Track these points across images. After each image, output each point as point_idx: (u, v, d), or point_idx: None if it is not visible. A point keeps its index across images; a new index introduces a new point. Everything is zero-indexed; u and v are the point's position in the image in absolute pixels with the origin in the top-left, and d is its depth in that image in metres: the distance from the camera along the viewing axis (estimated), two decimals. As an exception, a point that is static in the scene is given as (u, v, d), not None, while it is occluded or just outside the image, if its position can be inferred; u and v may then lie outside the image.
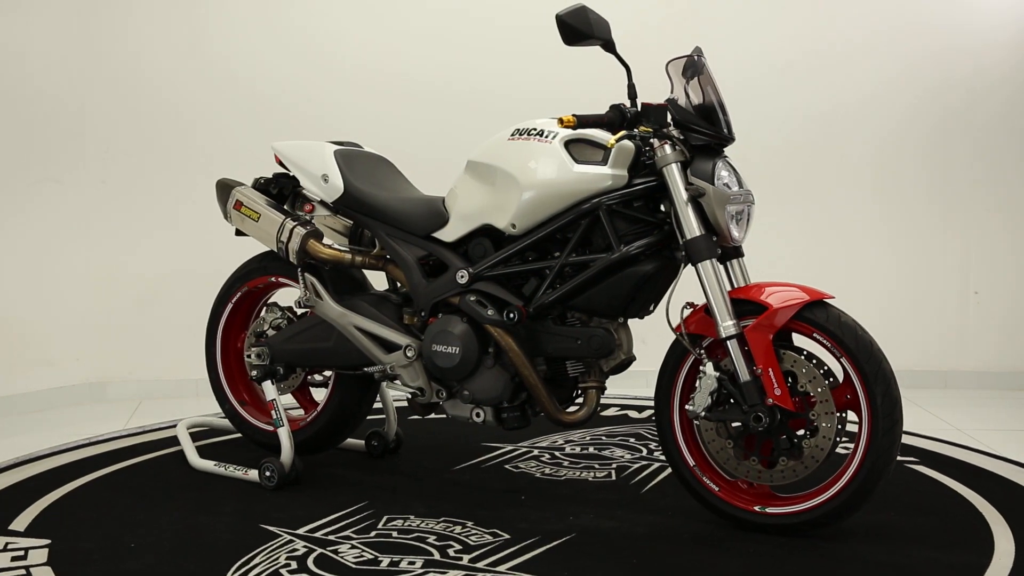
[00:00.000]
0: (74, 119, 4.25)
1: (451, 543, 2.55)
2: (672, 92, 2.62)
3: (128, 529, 2.67)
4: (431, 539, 2.58)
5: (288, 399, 3.33)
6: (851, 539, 2.54)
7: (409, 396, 3.01)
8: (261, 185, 3.23)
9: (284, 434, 3.05)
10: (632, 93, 2.61)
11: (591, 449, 3.47)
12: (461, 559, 2.44)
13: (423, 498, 2.92)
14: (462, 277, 2.82)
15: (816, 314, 2.50)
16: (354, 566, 2.40)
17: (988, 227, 4.55)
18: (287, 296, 3.35)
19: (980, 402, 4.33)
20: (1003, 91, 4.48)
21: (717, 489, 2.64)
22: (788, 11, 4.50)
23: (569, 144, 2.68)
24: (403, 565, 2.40)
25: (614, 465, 3.26)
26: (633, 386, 4.11)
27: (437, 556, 2.46)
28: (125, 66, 4.30)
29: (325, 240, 3.06)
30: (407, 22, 4.45)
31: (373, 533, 2.63)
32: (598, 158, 2.65)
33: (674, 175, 2.56)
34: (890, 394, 2.44)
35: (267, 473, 3.00)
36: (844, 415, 2.52)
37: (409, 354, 2.91)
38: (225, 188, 3.21)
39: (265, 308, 3.26)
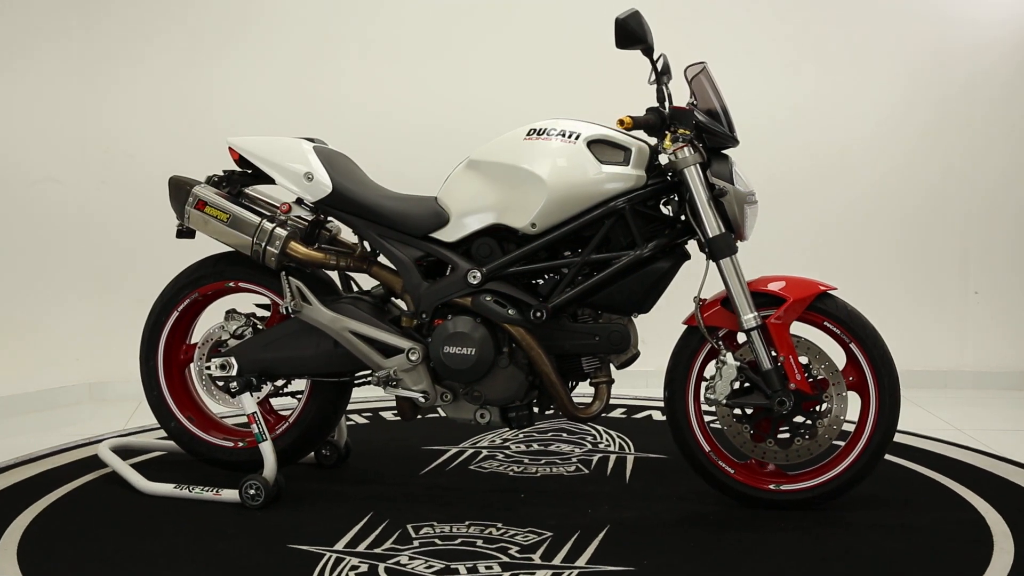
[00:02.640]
0: (75, 118, 4.33)
1: (503, 545, 2.53)
2: (692, 97, 2.75)
3: (145, 562, 2.42)
4: (479, 543, 2.55)
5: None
6: (864, 510, 2.76)
7: (401, 400, 2.93)
8: (214, 183, 3.01)
9: (268, 449, 2.87)
10: (661, 97, 2.71)
11: (535, 446, 3.52)
12: (531, 558, 2.44)
13: (425, 504, 2.86)
14: (474, 277, 2.79)
15: (826, 304, 2.74)
16: (436, 576, 2.33)
17: (988, 227, 4.57)
18: (233, 303, 3.15)
19: (980, 402, 4.34)
20: (1002, 88, 4.52)
21: (733, 472, 2.80)
22: (793, 13, 4.56)
23: (590, 145, 2.73)
24: (482, 571, 2.36)
25: (573, 459, 3.34)
26: (633, 386, 4.23)
27: (505, 559, 2.44)
28: (127, 66, 4.41)
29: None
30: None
31: (416, 543, 2.55)
32: (619, 159, 2.73)
33: (695, 176, 2.69)
34: (892, 375, 2.72)
35: (251, 491, 2.81)
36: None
37: (413, 357, 2.83)
38: (181, 186, 2.96)
39: (225, 315, 3.03)
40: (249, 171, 3.01)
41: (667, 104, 2.71)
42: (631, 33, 2.58)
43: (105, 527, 2.68)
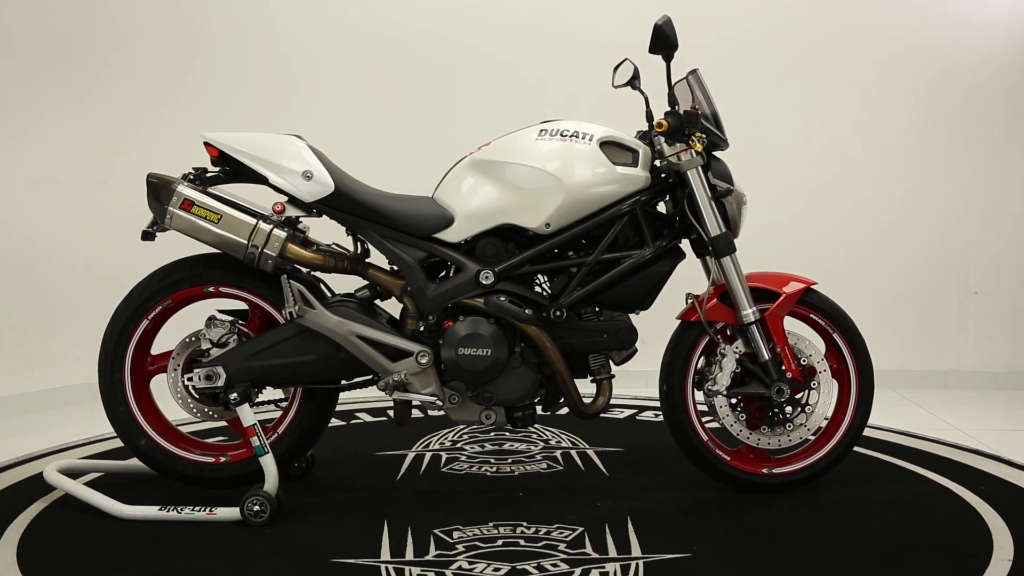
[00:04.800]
0: (75, 118, 4.35)
1: (548, 542, 2.54)
2: (694, 102, 2.87)
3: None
4: (522, 542, 2.55)
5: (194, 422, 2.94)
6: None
7: (401, 404, 2.87)
8: (190, 181, 2.82)
9: (270, 461, 2.73)
10: (672, 101, 2.80)
11: (488, 446, 3.53)
12: (587, 553, 2.47)
13: (431, 508, 2.81)
14: (486, 278, 2.78)
15: (812, 298, 2.94)
16: (511, 578, 2.32)
17: (988, 227, 4.62)
18: (200, 309, 2.96)
19: (980, 402, 4.34)
20: (1003, 89, 4.57)
21: (729, 459, 2.95)
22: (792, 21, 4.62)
23: (601, 145, 2.79)
24: (551, 569, 2.37)
25: (538, 456, 3.38)
26: (632, 386, 4.20)
27: (562, 555, 2.45)
28: (126, 65, 4.46)
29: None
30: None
31: (462, 547, 2.51)
32: (628, 160, 2.82)
33: (699, 177, 2.82)
34: (869, 362, 2.97)
35: (256, 507, 2.66)
36: (823, 382, 2.98)
37: (423, 360, 2.78)
38: (163, 185, 2.75)
39: (207, 322, 2.84)
40: (227, 168, 2.84)
41: (679, 107, 2.82)
42: (667, 38, 2.66)
43: (107, 529, 2.59)
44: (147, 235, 2.82)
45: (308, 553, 2.46)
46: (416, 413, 4.03)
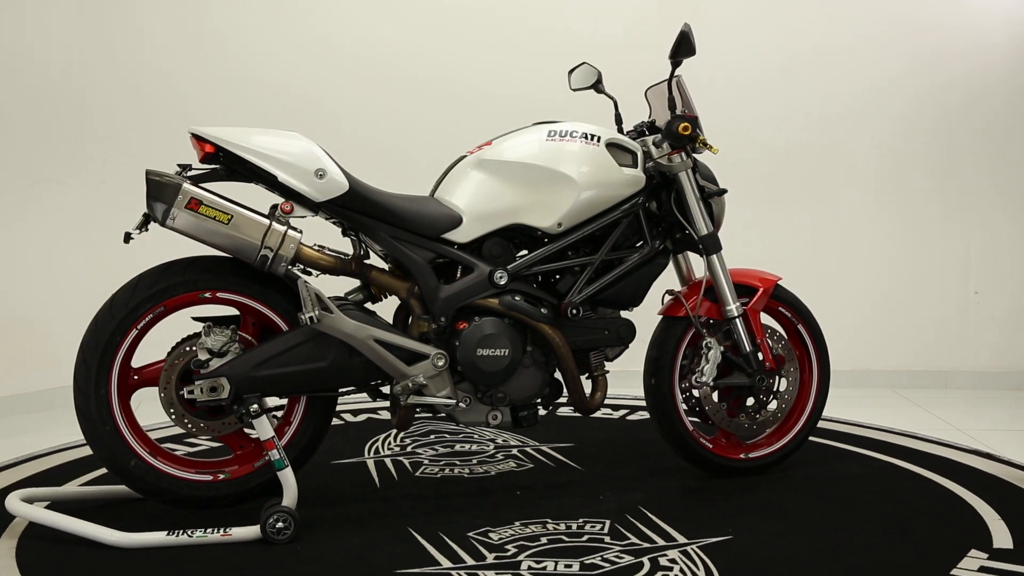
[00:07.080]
0: (75, 118, 4.35)
1: (590, 536, 2.58)
2: (684, 106, 2.99)
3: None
4: (565, 539, 2.57)
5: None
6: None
7: (406, 408, 2.80)
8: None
9: (289, 476, 2.59)
10: (672, 105, 2.91)
11: (440, 448, 3.50)
12: (637, 544, 2.53)
13: (442, 513, 2.76)
14: (501, 278, 2.78)
15: (780, 292, 3.15)
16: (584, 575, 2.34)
17: (988, 227, 4.58)
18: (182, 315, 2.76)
19: (980, 402, 4.32)
20: (1004, 89, 4.54)
21: (712, 447, 3.10)
22: (788, 7, 4.52)
23: (607, 147, 2.87)
24: (618, 562, 2.41)
25: (499, 456, 3.39)
26: (630, 386, 3.97)
27: (620, 546, 2.50)
28: (126, 65, 4.45)
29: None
30: (412, 14, 4.57)
31: (512, 548, 2.50)
32: (629, 161, 2.91)
33: (690, 178, 2.95)
34: (827, 351, 3.21)
35: (280, 524, 2.52)
36: (787, 370, 3.21)
37: (439, 363, 2.73)
38: (166, 183, 2.53)
39: (204, 330, 2.64)
40: (218, 166, 2.66)
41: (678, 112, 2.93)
42: (690, 44, 2.76)
43: (110, 559, 2.43)
44: (128, 237, 2.59)
45: (367, 567, 2.37)
46: (335, 421, 3.95)
